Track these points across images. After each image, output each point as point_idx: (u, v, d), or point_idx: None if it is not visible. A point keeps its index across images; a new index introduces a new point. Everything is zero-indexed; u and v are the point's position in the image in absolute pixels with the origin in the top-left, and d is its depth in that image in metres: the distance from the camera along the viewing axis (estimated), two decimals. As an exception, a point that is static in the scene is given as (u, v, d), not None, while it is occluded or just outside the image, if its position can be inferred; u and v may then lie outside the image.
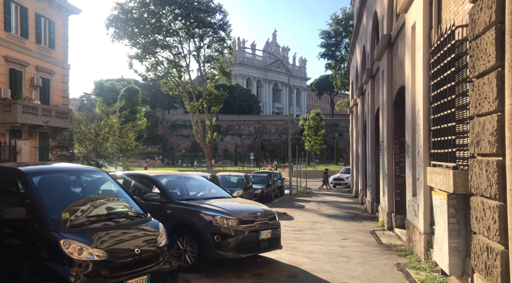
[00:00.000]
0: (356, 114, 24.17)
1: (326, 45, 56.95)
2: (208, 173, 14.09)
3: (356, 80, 23.96)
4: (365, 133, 19.18)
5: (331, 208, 18.22)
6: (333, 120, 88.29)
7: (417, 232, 7.36)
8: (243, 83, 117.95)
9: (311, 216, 15.18)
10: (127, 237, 4.68)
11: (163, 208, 6.81)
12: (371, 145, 15.90)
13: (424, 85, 6.96)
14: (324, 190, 31.39)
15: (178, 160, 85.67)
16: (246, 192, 17.02)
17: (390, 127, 11.40)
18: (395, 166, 11.15)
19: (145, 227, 5.07)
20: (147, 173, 7.82)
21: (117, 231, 4.68)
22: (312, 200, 22.26)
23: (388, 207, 11.37)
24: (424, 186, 6.97)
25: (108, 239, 4.47)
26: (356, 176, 23.98)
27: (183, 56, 48.80)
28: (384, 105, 11.92)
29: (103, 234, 4.47)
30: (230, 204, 7.19)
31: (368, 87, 16.32)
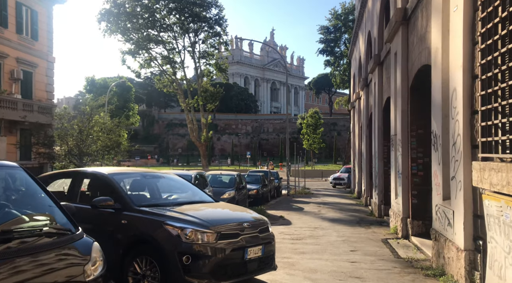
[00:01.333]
0: (359, 109, 22.48)
1: (325, 41, 55.22)
2: (194, 171, 12.36)
3: (359, 72, 22.26)
4: (370, 128, 17.48)
5: (333, 210, 16.51)
6: (332, 119, 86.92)
7: (453, 247, 5.65)
8: (240, 82, 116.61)
9: (311, 220, 13.47)
10: (35, 270, 2.97)
11: (117, 217, 5.09)
12: (378, 140, 14.21)
13: (465, 53, 5.26)
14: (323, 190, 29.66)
15: (173, 159, 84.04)
16: (239, 192, 15.30)
17: (406, 117, 9.70)
18: (411, 163, 9.44)
19: (69, 250, 3.36)
20: (98, 170, 6.07)
21: (20, 260, 2.96)
22: (311, 201, 20.55)
23: (402, 211, 9.67)
24: (464, 187, 5.26)
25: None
26: (359, 175, 22.28)
27: (177, 51, 47.09)
28: (398, 93, 10.21)
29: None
30: (209, 212, 5.46)
31: (375, 76, 14.62)
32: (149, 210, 5.11)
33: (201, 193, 6.38)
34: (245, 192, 16.26)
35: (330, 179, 34.36)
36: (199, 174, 11.61)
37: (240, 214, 5.70)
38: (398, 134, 10.20)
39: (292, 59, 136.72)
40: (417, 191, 9.34)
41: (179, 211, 5.13)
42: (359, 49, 21.60)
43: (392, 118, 11.16)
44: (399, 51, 9.91)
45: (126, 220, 5.01)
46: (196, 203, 5.85)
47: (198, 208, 5.55)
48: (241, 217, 5.43)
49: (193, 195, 6.25)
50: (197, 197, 6.18)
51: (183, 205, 5.52)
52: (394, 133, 10.74)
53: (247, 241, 5.02)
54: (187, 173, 11.13)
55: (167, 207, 5.34)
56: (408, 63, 9.57)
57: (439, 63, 6.45)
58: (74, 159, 22.22)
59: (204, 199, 6.15)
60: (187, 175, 10.73)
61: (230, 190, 14.33)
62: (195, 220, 4.87)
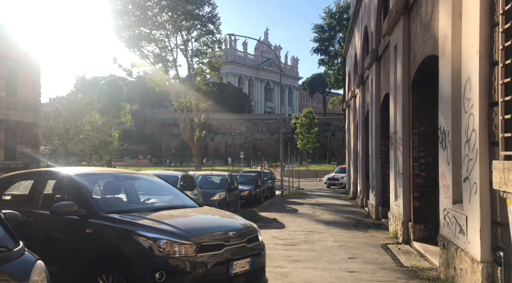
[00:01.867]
0: (354, 108, 21.87)
1: (319, 39, 54.68)
2: (180, 172, 11.63)
3: (355, 69, 21.66)
4: (366, 126, 16.87)
5: (328, 212, 15.87)
6: (326, 119, 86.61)
7: (466, 257, 5.00)
8: (234, 82, 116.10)
9: (305, 222, 12.80)
10: None
11: (81, 225, 4.38)
12: (375, 139, 13.58)
13: (482, 37, 4.61)
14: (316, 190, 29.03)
15: (166, 159, 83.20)
16: (230, 194, 14.61)
17: (407, 114, 9.06)
18: (413, 162, 8.80)
19: (4, 272, 2.65)
20: (63, 170, 5.32)
21: None
22: (305, 202, 19.90)
23: (403, 214, 9.03)
24: (480, 190, 4.62)
25: None
26: (354, 176, 21.68)
27: (169, 50, 46.32)
28: (398, 88, 9.58)
29: None
30: (189, 219, 4.76)
31: (372, 72, 14.00)
32: (119, 217, 4.38)
33: (183, 196, 5.67)
34: (237, 193, 15.57)
35: (324, 179, 33.77)
36: (185, 175, 10.89)
37: (225, 221, 5.00)
38: (398, 132, 9.56)
39: (286, 59, 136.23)
40: (419, 192, 8.71)
41: (154, 218, 4.42)
42: (355, 46, 21.00)
43: (391, 116, 10.53)
44: (400, 43, 9.27)
45: (92, 229, 4.30)
46: (176, 208, 5.14)
47: (178, 214, 4.84)
48: (226, 225, 4.73)
49: (173, 198, 5.54)
50: (179, 201, 5.47)
51: (160, 211, 4.81)
52: (394, 131, 10.11)
53: (232, 253, 4.32)
54: (173, 173, 10.43)
55: (142, 214, 4.63)
56: (409, 55, 8.93)
57: (448, 52, 5.80)
58: (60, 159, 21.40)
59: (186, 203, 5.44)
60: (173, 175, 10.02)
61: (221, 191, 13.63)
62: (171, 229, 4.16)
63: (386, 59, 11.86)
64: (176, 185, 9.53)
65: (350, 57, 24.15)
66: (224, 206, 13.35)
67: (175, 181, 9.65)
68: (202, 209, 5.37)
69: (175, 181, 9.66)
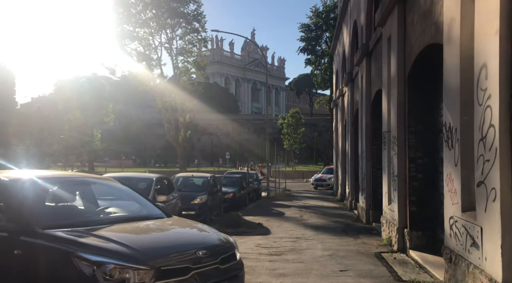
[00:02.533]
0: (342, 107, 21.21)
1: (306, 39, 54.03)
2: (156, 174, 10.67)
3: (343, 67, 20.99)
4: (355, 126, 16.18)
5: (316, 215, 15.11)
6: (312, 120, 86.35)
7: (482, 277, 4.23)
8: (221, 82, 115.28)
9: (292, 227, 12.00)
10: None
11: (9, 244, 3.48)
12: (366, 138, 12.88)
13: (503, 15, 3.85)
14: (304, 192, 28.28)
15: (150, 160, 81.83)
16: (213, 197, 13.72)
17: (402, 110, 8.32)
18: (409, 163, 8.07)
19: None
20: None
21: None
22: (292, 205, 19.13)
23: (398, 220, 8.30)
24: (501, 197, 3.86)
25: None
26: (343, 177, 21.00)
27: (153, 48, 45.20)
28: (392, 83, 8.85)
29: None
30: (148, 235, 3.87)
31: (362, 68, 13.29)
32: (59, 233, 3.49)
33: (147, 204, 4.77)
34: (220, 196, 14.69)
35: (311, 180, 33.11)
36: (162, 177, 9.98)
37: (195, 236, 4.13)
38: (392, 131, 8.83)
39: (273, 59, 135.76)
40: (416, 196, 7.97)
41: (104, 235, 3.53)
42: (343, 43, 20.33)
43: (384, 113, 9.81)
44: (395, 34, 8.54)
45: (21, 249, 3.40)
46: (136, 220, 4.26)
47: (136, 228, 3.96)
48: (195, 241, 3.86)
49: (134, 208, 4.65)
50: (142, 211, 4.59)
51: (115, 224, 3.92)
52: (387, 130, 9.38)
53: (202, 277, 3.47)
54: (147, 175, 9.50)
55: (90, 228, 3.73)
56: (405, 47, 8.20)
57: (456, 37, 5.05)
58: (33, 160, 20.22)
59: (151, 214, 4.56)
60: (147, 178, 9.10)
61: (202, 194, 12.73)
62: (123, 249, 3.29)
63: (378, 54, 11.14)
64: (150, 188, 8.64)
65: (338, 55, 23.50)
66: (205, 210, 12.50)
67: (149, 184, 8.75)
68: (169, 220, 4.47)
69: (149, 183, 8.75)
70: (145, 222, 4.20)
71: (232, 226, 11.71)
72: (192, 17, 44.97)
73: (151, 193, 8.45)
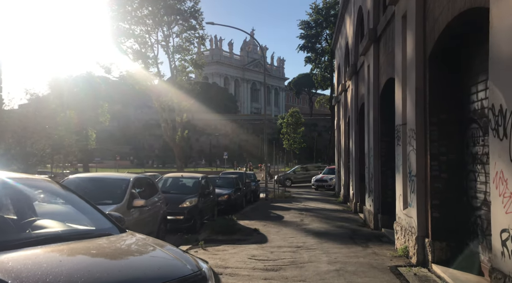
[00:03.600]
0: (345, 103, 19.94)
1: (306, 36, 52.81)
2: (134, 174, 9.38)
3: (346, 60, 19.74)
4: (360, 122, 14.94)
5: (318, 219, 13.83)
6: (312, 120, 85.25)
7: None
8: (220, 82, 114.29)
9: (292, 234, 10.72)
10: None
11: None
12: (374, 134, 11.60)
13: None
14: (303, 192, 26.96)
15: (148, 160, 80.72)
16: (205, 199, 12.41)
17: (422, 98, 7.05)
18: (431, 161, 6.79)
19: None
20: None
21: None
22: (292, 207, 17.86)
23: (418, 228, 7.02)
24: None
25: None
26: (346, 177, 19.73)
27: (149, 45, 43.97)
28: (409, 67, 7.58)
29: None
30: (70, 268, 2.43)
31: (369, 56, 12.02)
32: None
33: (95, 215, 3.46)
34: (213, 198, 13.40)
35: (312, 180, 31.84)
36: (141, 177, 8.67)
37: (148, 265, 2.79)
38: (409, 123, 7.56)
39: (273, 59, 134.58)
40: (440, 200, 6.70)
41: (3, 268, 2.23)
42: (346, 34, 19.06)
43: (397, 104, 8.54)
44: (412, 9, 7.27)
45: None
46: (73, 238, 2.97)
47: (56, 255, 2.63)
48: (146, 276, 2.55)
49: (73, 219, 3.37)
50: (83, 224, 3.31)
51: (31, 247, 2.61)
52: (402, 123, 8.11)
53: None
54: (124, 176, 8.19)
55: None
56: (425, 23, 6.93)
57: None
58: (16, 160, 18.90)
59: (97, 228, 3.28)
60: (123, 179, 7.79)
61: (192, 196, 11.43)
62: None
63: (389, 37, 9.88)
64: (124, 191, 7.36)
65: (340, 49, 22.23)
66: (195, 215, 11.22)
67: (124, 186, 7.46)
68: (119, 240, 3.16)
69: (124, 186, 7.47)
70: (82, 243, 2.90)
71: (224, 233, 10.44)
72: (189, 14, 43.83)
73: (125, 197, 7.18)
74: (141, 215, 7.65)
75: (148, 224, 8.00)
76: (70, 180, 7.56)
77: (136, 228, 7.44)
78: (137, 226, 7.40)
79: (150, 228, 8.14)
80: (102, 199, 7.15)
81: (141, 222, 7.60)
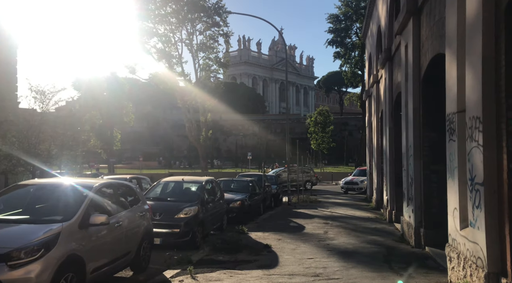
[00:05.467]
0: (378, 96, 17.60)
1: (335, 30, 50.10)
2: (106, 179, 7.55)
3: (378, 47, 17.41)
4: (396, 115, 12.68)
5: (346, 231, 11.64)
6: (342, 119, 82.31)
7: None
8: (248, 82, 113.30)
9: (311, 253, 8.62)
10: None
11: None
12: (414, 128, 9.33)
13: None
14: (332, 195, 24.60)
15: (175, 161, 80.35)
16: (210, 207, 10.47)
17: (491, 73, 4.84)
18: (508, 163, 4.57)
19: None
20: None
21: None
22: (316, 214, 15.72)
23: (487, 261, 4.79)
24: None
25: None
26: (378, 180, 17.38)
27: (173, 43, 42.94)
28: (470, 32, 5.36)
29: None
30: None
31: (408, 33, 9.75)
32: None
33: None
34: (220, 206, 11.44)
35: (341, 183, 29.43)
36: (113, 183, 6.76)
37: None
38: (471, 109, 5.34)
39: (301, 58, 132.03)
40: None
41: None
42: (378, 17, 16.72)
43: (450, 85, 6.32)
44: None
45: None
46: None
47: None
48: None
49: None
50: None
51: None
52: (458, 110, 5.90)
53: None
54: (86, 182, 6.29)
55: None
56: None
57: None
58: (23, 161, 17.72)
59: None
60: (85, 185, 5.95)
61: (191, 205, 9.51)
62: None
63: (435, 4, 7.63)
64: (80, 204, 5.53)
65: (372, 36, 19.84)
66: (194, 227, 9.31)
67: (84, 196, 5.63)
68: None
69: (83, 196, 5.63)
70: None
71: (227, 251, 8.49)
72: (213, 11, 42.51)
73: (78, 212, 5.34)
74: (107, 234, 5.82)
75: (119, 245, 6.17)
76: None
77: (97, 253, 5.63)
78: (100, 251, 5.57)
79: (123, 250, 6.31)
80: (49, 214, 5.38)
81: (106, 244, 5.78)
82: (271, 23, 22.37)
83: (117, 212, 6.31)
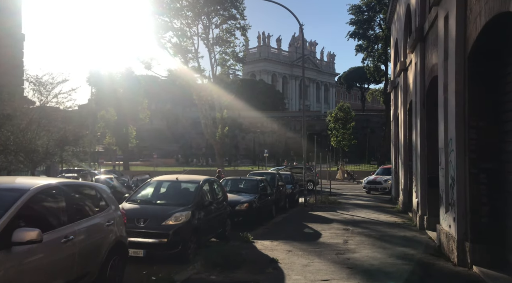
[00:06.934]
0: (405, 85, 15.65)
1: (357, 22, 47.70)
2: (49, 180, 6.04)
3: (406, 31, 15.47)
4: (429, 104, 10.79)
5: (369, 241, 9.85)
6: (364, 116, 79.56)
7: None
8: (268, 79, 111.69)
9: (327, 272, 6.90)
10: None
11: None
12: (456, 117, 7.48)
13: None
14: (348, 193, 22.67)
15: (192, 158, 79.59)
16: (208, 211, 8.87)
17: None
18: None
19: None
20: None
21: None
22: (336, 218, 13.96)
23: None
24: None
25: None
26: (406, 180, 15.46)
27: (188, 37, 41.64)
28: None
29: None
30: None
31: (449, 2, 7.88)
32: None
33: None
34: (222, 208, 9.80)
35: (363, 182, 27.42)
36: (61, 184, 5.19)
37: None
38: None
39: (322, 55, 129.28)
40: None
41: None
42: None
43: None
44: None
45: None
46: None
47: None
48: None
49: None
50: None
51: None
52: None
53: None
54: (18, 185, 4.75)
55: None
56: None
57: None
58: (20, 156, 16.63)
59: None
60: (17, 188, 4.43)
61: (182, 210, 7.92)
62: None
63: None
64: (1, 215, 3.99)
65: (399, 20, 17.85)
66: (186, 236, 7.72)
67: (9, 204, 4.10)
68: None
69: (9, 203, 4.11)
70: None
71: (223, 267, 6.88)
72: (229, 3, 41.08)
73: None
74: (47, 254, 4.30)
75: (69, 267, 4.64)
76: None
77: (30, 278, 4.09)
78: (32, 279, 4.02)
79: (75, 273, 4.78)
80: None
81: (42, 269, 4.26)
82: (293, 13, 20.50)
83: (66, 223, 4.77)
